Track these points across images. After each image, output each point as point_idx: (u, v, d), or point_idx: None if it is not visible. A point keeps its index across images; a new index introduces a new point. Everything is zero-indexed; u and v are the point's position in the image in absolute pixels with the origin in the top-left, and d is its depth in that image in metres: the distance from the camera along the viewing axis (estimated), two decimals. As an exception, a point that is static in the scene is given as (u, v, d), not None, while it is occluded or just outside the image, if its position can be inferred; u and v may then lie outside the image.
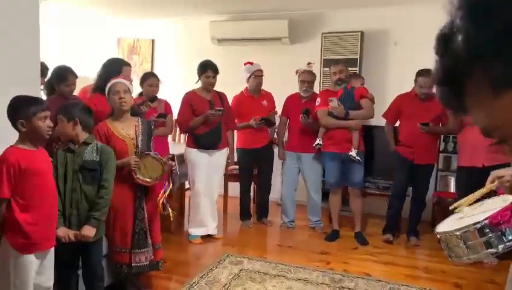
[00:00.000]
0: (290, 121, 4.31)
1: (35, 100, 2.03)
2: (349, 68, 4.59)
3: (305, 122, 4.04)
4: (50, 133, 2.01)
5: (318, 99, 4.04)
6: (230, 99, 4.13)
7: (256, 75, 4.24)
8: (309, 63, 4.28)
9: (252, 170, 4.48)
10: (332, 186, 4.09)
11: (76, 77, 3.48)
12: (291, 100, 4.31)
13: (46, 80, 3.53)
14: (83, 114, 2.36)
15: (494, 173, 1.80)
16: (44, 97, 3.36)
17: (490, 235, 1.60)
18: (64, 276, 2.37)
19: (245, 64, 4.29)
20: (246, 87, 4.36)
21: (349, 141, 3.87)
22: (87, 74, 5.25)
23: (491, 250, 1.61)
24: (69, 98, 3.43)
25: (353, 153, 3.82)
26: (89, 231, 2.29)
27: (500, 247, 1.60)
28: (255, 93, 4.33)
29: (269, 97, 4.40)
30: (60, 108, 2.36)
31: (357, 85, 4.05)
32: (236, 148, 4.48)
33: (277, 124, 4.47)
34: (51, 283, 2.09)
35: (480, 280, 3.23)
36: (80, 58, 5.42)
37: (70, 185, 2.28)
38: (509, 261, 1.93)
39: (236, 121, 4.35)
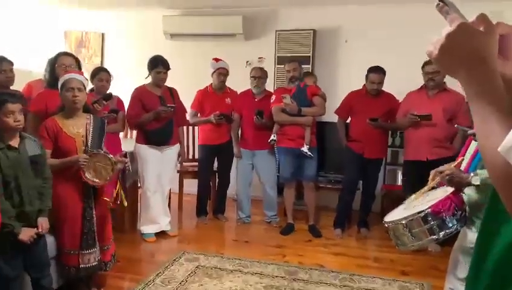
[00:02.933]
0: (243, 118, 4.32)
1: None
2: (303, 66, 4.69)
3: (258, 123, 4.09)
4: None
5: (273, 96, 4.11)
6: (182, 95, 4.08)
7: (220, 73, 4.22)
8: (260, 58, 4.32)
9: (212, 166, 4.47)
10: (287, 180, 4.17)
11: (11, 63, 3.30)
12: (243, 97, 4.33)
13: None
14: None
15: (434, 171, 1.95)
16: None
17: (432, 223, 1.72)
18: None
19: (212, 59, 4.26)
20: (211, 83, 4.34)
21: (302, 136, 3.97)
22: (31, 68, 5.01)
23: (434, 237, 1.73)
24: (8, 88, 3.26)
25: (305, 148, 3.92)
26: (47, 223, 2.31)
27: (441, 233, 1.72)
28: (219, 90, 4.31)
29: (234, 95, 4.38)
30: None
31: (310, 83, 4.17)
32: (198, 145, 4.46)
33: None
34: None
35: (425, 266, 3.42)
36: (23, 52, 5.15)
37: (26, 183, 2.20)
38: (450, 247, 2.08)
39: (199, 115, 4.32)
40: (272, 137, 4.06)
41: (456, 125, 3.20)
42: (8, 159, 2.15)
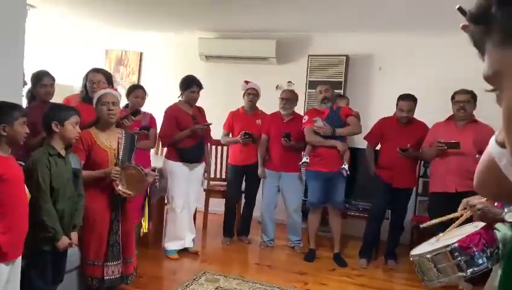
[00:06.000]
0: (271, 139, 4.31)
1: (16, 105, 2.03)
2: (335, 90, 4.66)
3: (286, 145, 4.09)
4: (25, 140, 2.01)
5: (305, 117, 4.09)
6: (214, 115, 4.14)
7: (249, 93, 4.30)
8: (289, 82, 4.36)
9: (241, 187, 4.48)
10: (313, 205, 4.09)
11: (53, 79, 3.42)
12: (272, 119, 4.34)
13: (27, 89, 3.48)
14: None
15: (465, 200, 1.85)
16: (24, 105, 3.31)
17: (459, 258, 1.64)
18: None
19: (243, 81, 4.37)
20: (243, 105, 4.43)
21: (335, 159, 3.89)
22: (73, 83, 5.24)
23: (461, 274, 1.64)
24: (47, 101, 3.38)
25: (346, 166, 3.85)
26: (77, 238, 2.38)
27: (469, 271, 1.63)
28: (250, 111, 4.38)
29: (265, 118, 4.42)
30: (51, 113, 2.32)
31: (342, 105, 4.13)
32: (227, 164, 4.50)
33: None
34: None
35: (455, 305, 3.25)
36: (66, 68, 5.40)
37: (68, 194, 2.29)
38: (482, 286, 1.97)
39: (230, 135, 4.40)
40: (304, 159, 4.00)
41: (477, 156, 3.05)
42: (57, 166, 2.23)
